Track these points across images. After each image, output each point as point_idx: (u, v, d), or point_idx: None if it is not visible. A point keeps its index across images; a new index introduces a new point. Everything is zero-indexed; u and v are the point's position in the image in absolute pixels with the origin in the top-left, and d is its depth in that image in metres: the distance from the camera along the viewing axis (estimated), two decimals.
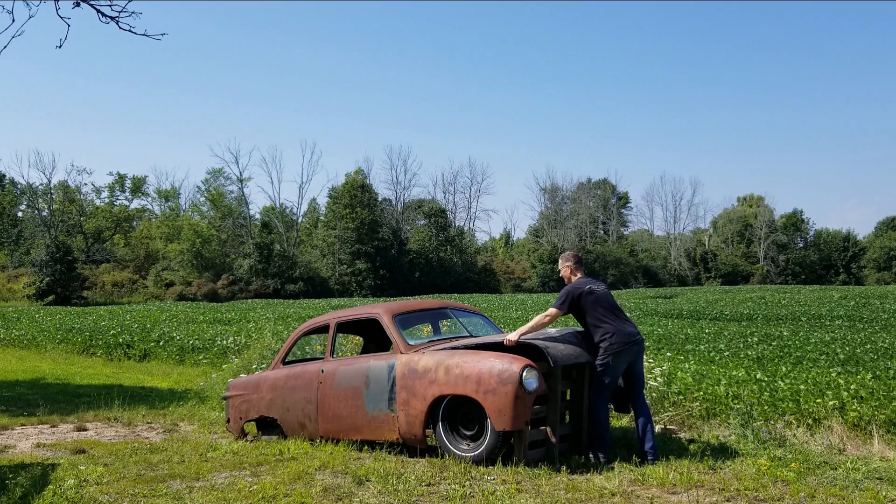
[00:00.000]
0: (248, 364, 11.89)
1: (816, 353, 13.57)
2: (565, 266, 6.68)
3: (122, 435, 8.26)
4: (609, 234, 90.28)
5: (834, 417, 7.16)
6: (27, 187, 69.86)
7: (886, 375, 9.42)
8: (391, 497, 5.08)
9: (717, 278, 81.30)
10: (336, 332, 7.56)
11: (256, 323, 24.21)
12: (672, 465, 5.89)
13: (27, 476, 5.75)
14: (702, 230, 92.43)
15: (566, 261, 6.70)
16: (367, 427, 6.73)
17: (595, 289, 6.44)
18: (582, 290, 6.39)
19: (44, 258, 56.99)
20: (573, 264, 6.64)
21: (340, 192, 72.31)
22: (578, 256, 6.76)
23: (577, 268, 6.64)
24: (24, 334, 22.74)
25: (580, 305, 6.37)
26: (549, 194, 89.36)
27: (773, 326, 23.68)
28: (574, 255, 6.75)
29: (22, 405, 10.56)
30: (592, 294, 6.38)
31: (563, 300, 6.41)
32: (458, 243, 77.64)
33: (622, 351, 6.20)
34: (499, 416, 5.75)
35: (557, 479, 5.46)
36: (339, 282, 68.91)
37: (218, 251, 68.48)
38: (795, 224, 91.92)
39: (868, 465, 5.90)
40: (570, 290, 6.43)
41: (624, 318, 6.45)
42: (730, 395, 7.87)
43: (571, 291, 6.41)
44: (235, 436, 7.96)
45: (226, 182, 79.08)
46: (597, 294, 6.39)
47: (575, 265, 6.64)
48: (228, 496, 5.14)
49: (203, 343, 18.08)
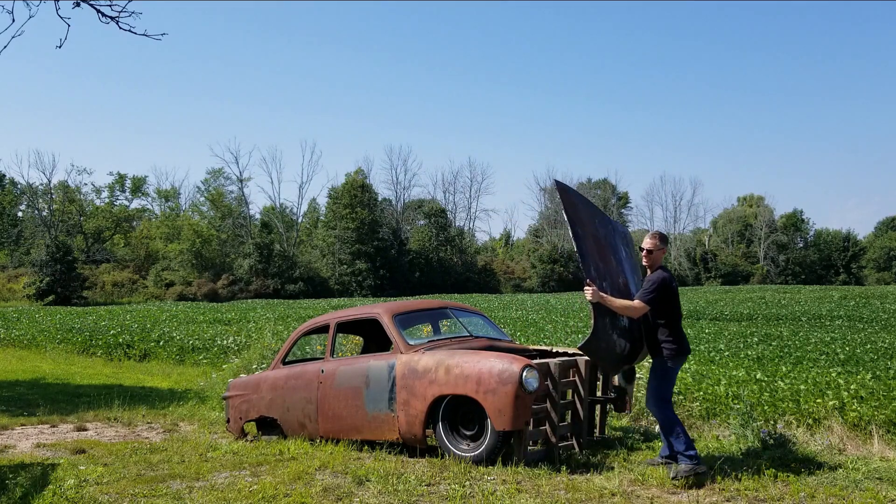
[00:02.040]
0: (248, 364, 11.89)
1: (816, 353, 13.56)
2: (661, 248, 5.76)
3: (122, 435, 8.26)
4: None
5: (834, 417, 7.16)
6: (27, 187, 69.87)
7: (886, 375, 9.42)
8: (391, 497, 5.07)
9: (717, 278, 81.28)
10: (336, 332, 7.56)
11: (256, 323, 24.20)
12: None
13: (27, 476, 5.75)
14: (702, 230, 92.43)
15: (662, 241, 5.79)
16: (367, 427, 6.73)
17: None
18: (672, 280, 5.68)
19: (44, 258, 57.00)
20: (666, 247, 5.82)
21: (340, 193, 72.31)
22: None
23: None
24: (24, 334, 22.74)
25: (665, 297, 5.62)
26: (549, 194, 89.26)
27: (773, 326, 23.67)
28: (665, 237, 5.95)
29: (22, 405, 10.55)
30: (674, 285, 5.70)
31: (654, 289, 5.54)
32: (458, 243, 77.63)
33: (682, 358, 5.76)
34: (499, 416, 5.75)
35: (557, 479, 5.46)
36: (339, 282, 68.90)
37: (218, 251, 68.46)
38: (795, 224, 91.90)
39: (868, 465, 5.90)
40: (664, 277, 5.60)
41: None
42: (730, 395, 7.87)
43: (666, 279, 5.60)
44: (235, 436, 7.96)
45: (226, 182, 79.15)
46: (675, 286, 5.73)
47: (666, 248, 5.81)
48: (228, 496, 5.14)
49: (203, 343, 18.08)
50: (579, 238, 5.59)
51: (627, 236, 6.91)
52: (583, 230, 5.72)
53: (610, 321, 5.60)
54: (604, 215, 6.45)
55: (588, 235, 5.78)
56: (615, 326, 5.68)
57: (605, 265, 5.86)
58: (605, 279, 5.67)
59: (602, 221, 6.26)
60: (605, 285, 5.64)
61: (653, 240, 5.76)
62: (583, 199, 6.19)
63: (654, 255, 5.72)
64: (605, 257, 5.97)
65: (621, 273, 6.15)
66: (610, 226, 6.48)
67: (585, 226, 5.80)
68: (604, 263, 5.85)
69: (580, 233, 5.64)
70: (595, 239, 5.89)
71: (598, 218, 6.19)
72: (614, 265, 6.05)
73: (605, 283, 5.65)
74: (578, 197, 6.08)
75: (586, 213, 5.98)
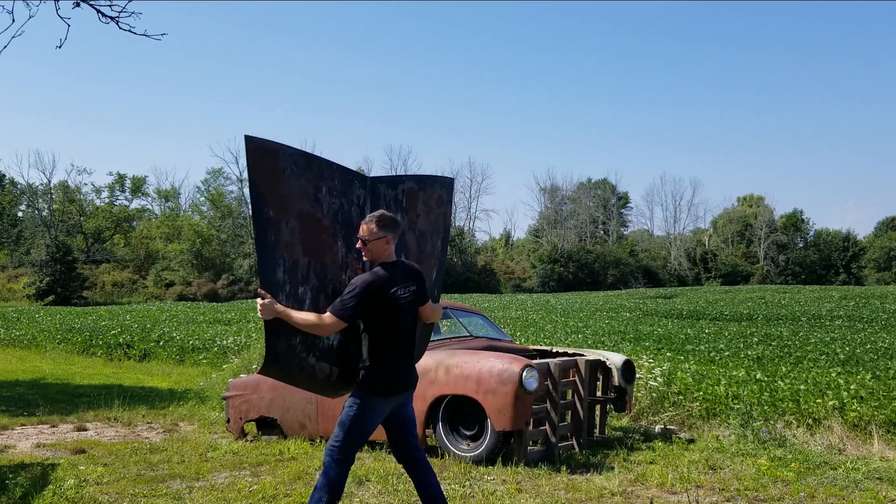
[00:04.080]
0: (248, 364, 11.90)
1: (816, 353, 13.55)
2: (383, 236, 4.02)
3: (122, 435, 8.26)
4: (609, 235, 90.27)
5: (834, 417, 7.17)
6: (27, 187, 69.89)
7: (886, 375, 9.42)
8: (391, 497, 5.08)
9: (717, 278, 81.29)
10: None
11: (256, 323, 24.18)
12: (672, 465, 5.89)
13: (27, 476, 5.75)
14: (702, 230, 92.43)
15: (384, 226, 4.02)
16: None
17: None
18: (390, 284, 3.99)
19: (44, 258, 56.97)
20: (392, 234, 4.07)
21: None
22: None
23: (394, 240, 4.09)
24: (24, 334, 22.73)
25: (373, 308, 3.98)
26: (549, 194, 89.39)
27: (773, 326, 23.67)
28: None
29: (22, 405, 10.55)
30: (397, 292, 4.03)
31: (355, 297, 3.91)
32: (458, 243, 77.61)
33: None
34: (499, 416, 5.75)
35: (557, 479, 5.46)
36: None
37: (218, 251, 68.47)
38: (795, 224, 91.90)
39: (868, 465, 5.91)
40: (370, 282, 3.94)
41: None
42: (730, 395, 7.88)
43: (373, 283, 3.94)
44: (235, 436, 7.96)
45: (226, 182, 79.11)
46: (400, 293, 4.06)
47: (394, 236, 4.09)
48: (228, 496, 5.14)
49: (203, 343, 18.07)
50: (265, 225, 3.85)
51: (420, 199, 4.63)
52: (279, 212, 3.91)
53: (302, 339, 4.00)
54: (349, 178, 4.31)
55: (289, 219, 3.96)
56: (313, 346, 4.06)
57: (315, 260, 4.09)
58: (306, 282, 4.03)
59: (341, 189, 4.25)
60: (302, 292, 4.00)
61: (367, 225, 4.01)
62: (305, 159, 4.09)
63: (373, 247, 3.99)
64: (321, 247, 4.12)
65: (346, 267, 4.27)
66: (358, 192, 4.35)
67: (289, 202, 3.96)
68: (314, 258, 4.08)
69: (270, 217, 3.87)
70: (306, 222, 4.04)
71: (328, 185, 4.18)
72: (340, 256, 4.21)
73: (305, 288, 4.02)
74: (291, 157, 4.00)
75: (303, 182, 4.04)
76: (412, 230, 4.56)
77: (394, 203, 4.46)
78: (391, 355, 4.03)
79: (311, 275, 4.08)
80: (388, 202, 4.44)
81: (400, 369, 4.07)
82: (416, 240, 4.58)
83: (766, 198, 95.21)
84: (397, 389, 4.06)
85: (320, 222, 4.12)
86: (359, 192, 4.33)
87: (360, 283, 3.91)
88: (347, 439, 3.99)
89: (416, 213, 4.58)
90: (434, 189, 4.68)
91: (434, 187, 4.68)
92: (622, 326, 20.89)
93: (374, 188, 4.41)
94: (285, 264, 3.97)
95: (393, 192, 4.47)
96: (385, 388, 4.02)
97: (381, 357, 4.00)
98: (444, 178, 4.79)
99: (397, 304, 3.98)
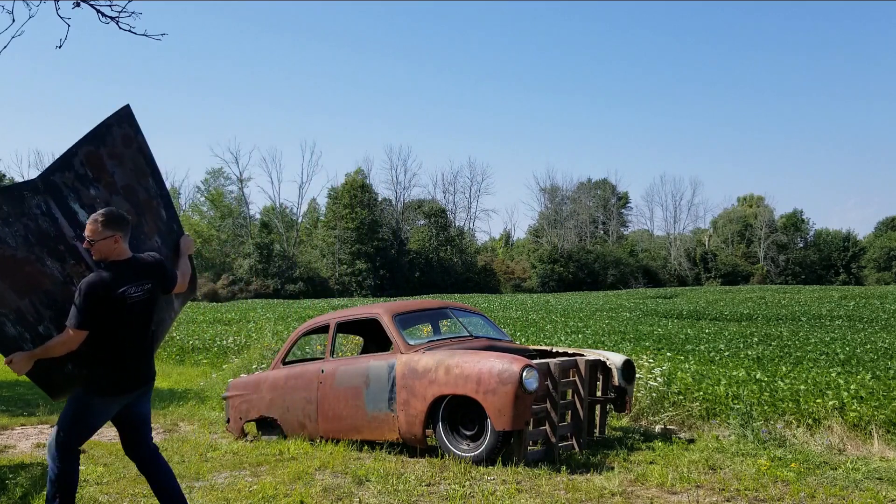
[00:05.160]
0: (248, 364, 11.91)
1: (816, 353, 13.55)
2: (110, 235, 3.83)
3: None
4: (609, 235, 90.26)
5: (834, 417, 7.17)
6: None
7: (886, 375, 9.42)
8: (391, 497, 5.08)
9: (717, 278, 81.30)
10: (336, 333, 7.56)
11: (256, 323, 24.20)
12: (672, 464, 5.89)
13: (27, 476, 5.75)
14: (702, 230, 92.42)
15: (110, 224, 3.83)
16: (367, 427, 6.73)
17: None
18: (118, 285, 3.82)
19: None
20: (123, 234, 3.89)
21: (340, 193, 72.37)
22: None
23: (125, 237, 3.90)
24: None
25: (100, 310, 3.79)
26: (549, 194, 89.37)
27: (773, 326, 23.67)
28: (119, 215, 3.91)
29: (22, 405, 10.56)
30: (126, 292, 3.85)
31: (83, 304, 3.74)
32: (458, 243, 77.64)
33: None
34: (499, 416, 5.75)
35: (557, 479, 5.46)
36: (339, 282, 68.94)
37: (218, 251, 68.54)
38: (795, 224, 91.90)
39: (868, 465, 5.90)
40: (93, 283, 3.78)
41: None
42: (730, 395, 7.88)
43: (97, 284, 3.78)
44: (235, 436, 7.96)
45: (226, 182, 79.15)
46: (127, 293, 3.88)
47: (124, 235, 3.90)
48: (228, 496, 5.14)
49: (203, 343, 18.09)
50: None
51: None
52: None
53: (72, 362, 3.97)
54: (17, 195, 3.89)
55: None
56: (76, 358, 3.94)
57: (35, 296, 3.86)
58: (41, 320, 3.87)
59: (15, 212, 3.85)
60: (43, 329, 3.87)
61: (92, 225, 3.79)
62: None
63: (101, 247, 3.80)
64: (34, 280, 3.86)
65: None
66: (34, 201, 3.90)
67: None
68: (33, 294, 3.86)
69: None
70: (2, 267, 3.77)
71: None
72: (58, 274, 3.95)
73: (44, 325, 3.89)
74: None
75: None
76: (117, 193, 4.15)
77: (80, 182, 4.01)
78: (115, 356, 3.88)
79: (41, 309, 3.88)
80: (73, 185, 3.99)
81: (125, 369, 3.93)
82: (126, 197, 4.18)
83: (766, 198, 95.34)
84: (122, 390, 3.94)
85: (16, 258, 3.81)
86: (35, 200, 3.89)
87: (83, 287, 3.75)
88: (66, 438, 3.91)
89: (109, 173, 4.12)
90: (113, 135, 4.13)
91: (112, 132, 4.12)
92: (622, 326, 20.88)
93: (48, 184, 3.94)
94: (9, 318, 3.78)
95: (71, 172, 3.99)
96: (107, 389, 3.90)
97: (104, 357, 3.87)
98: (117, 114, 4.16)
99: (125, 303, 3.82)
